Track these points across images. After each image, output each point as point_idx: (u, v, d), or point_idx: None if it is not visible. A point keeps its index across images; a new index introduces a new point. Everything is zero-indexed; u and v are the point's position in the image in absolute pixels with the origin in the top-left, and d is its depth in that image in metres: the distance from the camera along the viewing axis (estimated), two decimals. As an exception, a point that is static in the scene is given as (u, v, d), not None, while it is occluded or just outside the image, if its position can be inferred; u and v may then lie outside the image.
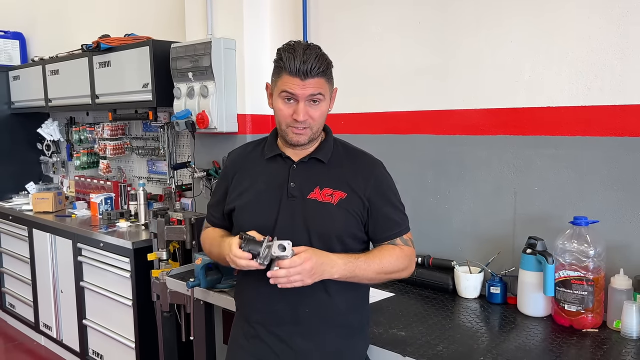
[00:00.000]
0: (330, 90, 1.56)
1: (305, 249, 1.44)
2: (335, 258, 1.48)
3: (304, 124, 1.51)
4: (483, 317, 2.03)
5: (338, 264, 1.48)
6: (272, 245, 1.41)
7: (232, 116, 3.00)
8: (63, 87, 4.06)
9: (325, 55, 1.51)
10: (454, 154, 2.37)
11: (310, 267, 1.42)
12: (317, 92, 1.48)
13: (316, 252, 1.45)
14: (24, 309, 4.28)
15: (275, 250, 1.40)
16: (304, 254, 1.42)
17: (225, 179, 1.71)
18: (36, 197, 4.12)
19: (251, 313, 1.65)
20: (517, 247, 2.14)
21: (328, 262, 1.46)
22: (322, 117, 1.54)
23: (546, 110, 2.09)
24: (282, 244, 1.40)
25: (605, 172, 1.97)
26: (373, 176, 1.61)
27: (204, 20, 3.08)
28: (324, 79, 1.50)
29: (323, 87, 1.50)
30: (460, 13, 2.31)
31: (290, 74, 1.46)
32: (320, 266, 1.44)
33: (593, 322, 1.86)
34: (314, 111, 1.51)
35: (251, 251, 1.42)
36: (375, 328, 1.88)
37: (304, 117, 1.49)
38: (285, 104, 1.50)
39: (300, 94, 1.47)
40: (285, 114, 1.51)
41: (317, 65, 1.46)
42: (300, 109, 1.48)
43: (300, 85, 1.46)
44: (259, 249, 1.41)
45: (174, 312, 2.81)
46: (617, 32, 1.91)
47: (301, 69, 1.45)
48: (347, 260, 1.50)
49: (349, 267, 1.49)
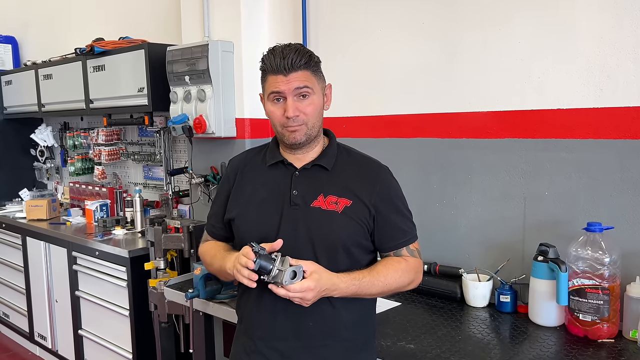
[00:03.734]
0: (320, 85, 1.52)
1: (311, 273, 1.38)
2: (339, 282, 1.43)
3: (297, 121, 1.47)
4: (493, 327, 1.96)
5: (340, 288, 1.43)
6: (284, 272, 1.35)
7: (231, 120, 2.93)
8: (56, 92, 3.98)
9: (308, 50, 1.49)
10: (460, 158, 2.31)
11: (312, 296, 1.39)
12: (302, 85, 1.45)
13: (320, 279, 1.39)
14: (19, 319, 4.21)
15: (286, 278, 1.35)
16: (308, 282, 1.37)
17: (226, 187, 1.66)
18: (30, 204, 4.05)
19: (251, 327, 1.58)
20: (527, 254, 2.08)
21: (331, 287, 1.42)
22: (315, 111, 1.49)
23: (556, 112, 2.03)
24: (295, 271, 1.35)
25: (618, 176, 1.91)
26: (379, 182, 1.55)
27: (200, 23, 3.02)
28: (308, 71, 1.47)
29: (309, 79, 1.47)
30: (465, 12, 2.25)
31: (273, 72, 1.45)
32: (322, 292, 1.41)
33: (609, 332, 1.80)
34: (305, 106, 1.47)
35: (262, 268, 1.36)
36: (383, 340, 1.82)
37: (294, 113, 1.45)
38: (275, 105, 1.48)
39: (286, 89, 1.45)
40: (277, 115, 1.48)
41: (297, 58, 1.44)
42: (289, 104, 1.45)
43: (285, 81, 1.44)
44: (270, 267, 1.36)
45: (172, 322, 2.75)
46: (630, 31, 1.85)
47: (281, 65, 1.43)
48: (350, 284, 1.45)
49: (351, 290, 1.45)
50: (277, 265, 1.35)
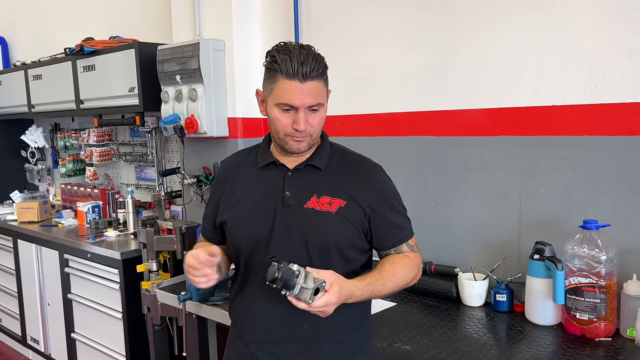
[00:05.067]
0: (327, 95, 1.49)
1: (331, 285, 1.30)
2: (355, 290, 1.36)
3: (304, 133, 1.43)
4: (490, 326, 1.94)
5: (356, 295, 1.37)
6: (309, 290, 1.26)
7: (223, 120, 2.90)
8: (46, 93, 3.93)
9: (322, 55, 1.44)
10: (455, 156, 2.28)
11: (333, 309, 1.31)
12: (316, 103, 1.41)
13: (341, 292, 1.31)
14: (11, 322, 4.17)
15: (309, 297, 1.25)
16: (330, 296, 1.28)
17: (217, 189, 1.63)
18: (21, 206, 4.00)
19: (245, 330, 1.55)
20: (523, 253, 2.06)
21: (349, 296, 1.35)
22: (320, 123, 1.47)
23: (552, 109, 2.01)
24: (318, 288, 1.27)
25: (615, 173, 1.89)
26: (374, 182, 1.53)
27: (191, 21, 2.98)
28: (322, 81, 1.42)
29: (322, 92, 1.43)
30: (459, 7, 2.22)
31: (288, 76, 1.37)
32: (340, 302, 1.33)
33: (606, 331, 1.78)
34: (313, 119, 1.43)
35: (286, 281, 1.26)
36: (379, 342, 1.80)
37: (304, 127, 1.41)
38: (283, 114, 1.42)
39: (301, 104, 1.39)
40: (284, 124, 1.43)
41: (316, 67, 1.38)
42: (300, 118, 1.40)
43: (299, 91, 1.38)
44: (293, 283, 1.26)
45: (165, 325, 2.71)
46: (625, 26, 1.83)
47: (299, 71, 1.36)
48: (365, 289, 1.39)
49: (366, 295, 1.40)
50: (301, 282, 1.26)
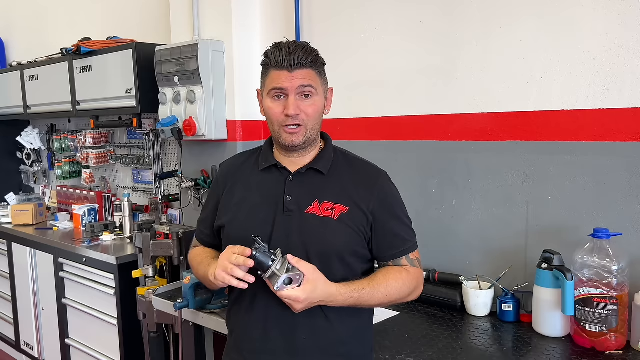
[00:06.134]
0: (324, 87, 1.46)
1: (307, 281, 1.30)
2: (336, 294, 1.35)
3: (297, 120, 1.40)
4: (496, 337, 1.88)
5: (337, 300, 1.36)
6: (280, 277, 1.28)
7: (222, 122, 2.84)
8: (43, 93, 3.87)
9: (315, 49, 1.43)
10: (459, 161, 2.23)
11: (301, 307, 1.32)
12: (307, 84, 1.39)
13: (314, 291, 1.31)
14: (5, 327, 4.10)
15: (279, 284, 1.28)
16: (298, 292, 1.29)
17: (216, 192, 1.59)
18: (15, 209, 3.94)
19: (242, 340, 1.50)
20: (530, 261, 2.01)
21: (327, 298, 1.35)
22: (316, 113, 1.43)
23: (560, 113, 1.95)
24: (291, 278, 1.28)
25: (626, 180, 1.83)
26: (377, 189, 1.48)
27: (190, 22, 2.93)
28: (314, 71, 1.41)
29: (313, 79, 1.41)
30: (464, 9, 2.17)
31: (277, 67, 1.38)
32: (314, 303, 1.33)
33: (617, 344, 1.72)
34: (307, 106, 1.40)
35: (260, 263, 1.29)
36: (381, 354, 1.74)
37: (295, 111, 1.38)
38: (275, 102, 1.41)
39: (289, 86, 1.38)
40: (276, 112, 1.41)
41: (304, 56, 1.38)
42: (290, 102, 1.39)
43: (288, 78, 1.38)
44: (267, 265, 1.29)
45: (161, 332, 2.64)
46: (637, 29, 1.77)
47: (287, 60, 1.37)
48: (348, 295, 1.37)
49: (349, 302, 1.38)
50: (275, 266, 1.28)
